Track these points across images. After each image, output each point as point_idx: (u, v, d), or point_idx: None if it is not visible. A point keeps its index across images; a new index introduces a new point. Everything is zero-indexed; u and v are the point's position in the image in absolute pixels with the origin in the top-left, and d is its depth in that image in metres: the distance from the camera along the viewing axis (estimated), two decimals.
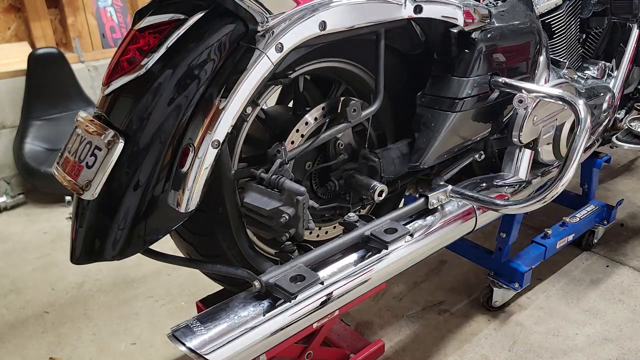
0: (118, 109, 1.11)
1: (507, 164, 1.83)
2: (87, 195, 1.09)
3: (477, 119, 1.61)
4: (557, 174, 1.45)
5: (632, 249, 2.42)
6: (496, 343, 1.92)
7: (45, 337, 2.01)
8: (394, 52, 1.51)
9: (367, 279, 1.38)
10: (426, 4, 1.35)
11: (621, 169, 3.16)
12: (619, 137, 2.27)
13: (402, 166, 1.56)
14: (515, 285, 1.99)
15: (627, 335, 1.94)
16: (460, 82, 1.51)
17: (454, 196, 1.60)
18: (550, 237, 2.12)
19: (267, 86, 1.30)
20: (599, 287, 2.19)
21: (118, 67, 1.10)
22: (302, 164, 1.46)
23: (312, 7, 1.17)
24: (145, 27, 1.09)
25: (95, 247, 1.13)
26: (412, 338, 1.95)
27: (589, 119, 1.44)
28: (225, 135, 1.11)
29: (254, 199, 1.26)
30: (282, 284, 1.20)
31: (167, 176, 1.11)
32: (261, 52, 1.11)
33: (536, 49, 1.71)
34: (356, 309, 2.04)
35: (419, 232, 1.51)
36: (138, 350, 1.93)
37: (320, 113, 1.43)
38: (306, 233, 1.40)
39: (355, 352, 1.65)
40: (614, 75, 2.19)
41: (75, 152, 1.15)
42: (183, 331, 1.15)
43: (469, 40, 1.50)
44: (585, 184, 2.41)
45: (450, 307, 2.10)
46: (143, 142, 1.08)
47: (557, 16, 1.93)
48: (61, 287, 2.25)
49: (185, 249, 1.45)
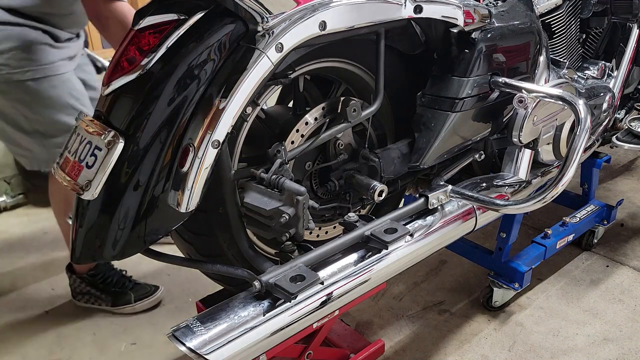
0: (118, 109, 1.10)
1: (507, 164, 1.83)
2: (87, 195, 1.09)
3: (477, 119, 1.61)
4: (557, 174, 1.45)
5: (632, 249, 2.42)
6: (496, 343, 1.92)
7: (45, 337, 2.01)
8: (394, 52, 1.51)
9: (367, 279, 1.37)
10: (426, 4, 1.35)
11: (621, 169, 3.16)
12: (619, 137, 2.27)
13: (402, 166, 1.56)
14: (515, 285, 1.99)
15: (627, 335, 1.94)
16: (460, 82, 1.51)
17: (454, 196, 1.60)
18: (550, 237, 2.12)
19: (267, 86, 1.30)
20: (599, 287, 2.19)
21: (118, 67, 1.10)
22: (302, 164, 1.46)
23: (312, 7, 1.17)
24: (145, 27, 1.09)
25: (95, 247, 1.13)
26: (412, 338, 1.95)
27: (589, 119, 1.44)
28: (225, 135, 1.11)
29: (254, 199, 1.26)
30: (282, 284, 1.20)
31: (167, 176, 1.11)
32: (261, 52, 1.11)
33: (536, 49, 1.71)
34: (356, 309, 2.04)
35: (419, 232, 1.51)
36: (138, 350, 1.93)
37: (320, 113, 1.43)
38: (306, 233, 1.40)
39: (355, 352, 1.65)
40: (614, 75, 2.19)
41: (75, 152, 1.15)
42: (183, 331, 1.15)
43: (469, 40, 1.50)
44: (585, 184, 2.41)
45: (450, 307, 2.10)
46: (143, 142, 1.08)
47: (557, 16, 1.93)
48: (61, 287, 2.25)
49: (185, 249, 1.45)
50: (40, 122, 1.76)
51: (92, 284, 2.08)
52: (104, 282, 2.09)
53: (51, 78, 1.72)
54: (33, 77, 1.68)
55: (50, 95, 1.72)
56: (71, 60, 1.83)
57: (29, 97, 1.71)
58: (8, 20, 1.65)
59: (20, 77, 1.67)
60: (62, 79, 1.75)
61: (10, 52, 1.65)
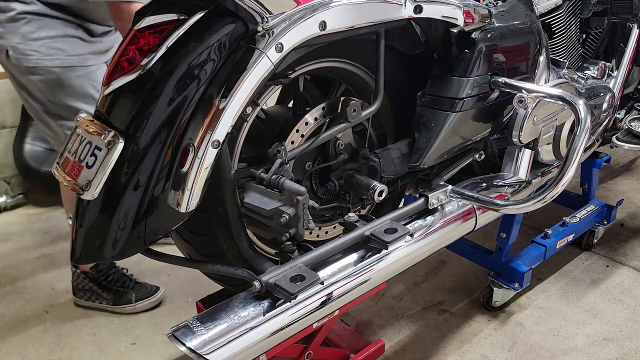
0: (118, 109, 1.10)
1: (507, 164, 1.83)
2: (87, 195, 1.09)
3: (477, 119, 1.61)
4: (557, 174, 1.45)
5: (632, 249, 2.42)
6: (496, 343, 1.92)
7: (45, 337, 2.01)
8: (394, 52, 1.51)
9: (367, 279, 1.37)
10: (426, 4, 1.35)
11: (621, 169, 3.16)
12: (619, 137, 2.27)
13: (402, 166, 1.56)
14: (515, 285, 1.99)
15: (627, 335, 1.94)
16: (460, 82, 1.51)
17: (454, 196, 1.60)
18: (550, 237, 2.12)
19: (267, 86, 1.30)
20: (599, 287, 2.19)
21: (118, 67, 1.10)
22: (302, 164, 1.46)
23: (312, 7, 1.17)
24: (145, 27, 1.09)
25: (95, 247, 1.13)
26: (412, 338, 1.95)
27: (589, 119, 1.44)
28: (225, 135, 1.11)
29: (254, 199, 1.26)
30: (282, 284, 1.20)
31: (167, 176, 1.11)
32: (261, 52, 1.11)
33: (536, 49, 1.71)
34: (356, 309, 2.04)
35: (419, 232, 1.51)
36: (138, 350, 1.94)
37: (320, 113, 1.43)
38: (306, 233, 1.40)
39: (355, 352, 1.65)
40: (614, 75, 2.19)
41: (75, 152, 1.15)
42: (183, 331, 1.15)
43: (469, 40, 1.50)
44: (585, 184, 2.42)
45: (450, 307, 2.10)
46: (143, 142, 1.08)
47: (557, 16, 1.93)
48: (61, 287, 2.25)
49: (185, 249, 1.45)
50: (62, 106, 1.89)
51: (95, 280, 2.09)
52: (106, 279, 2.10)
53: (77, 68, 1.86)
54: (60, 65, 1.83)
55: (73, 85, 1.86)
56: (102, 54, 1.97)
57: (53, 83, 1.85)
58: (47, 12, 1.82)
59: (49, 63, 1.82)
60: (87, 71, 1.88)
61: (43, 41, 1.81)
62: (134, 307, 2.09)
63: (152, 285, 2.16)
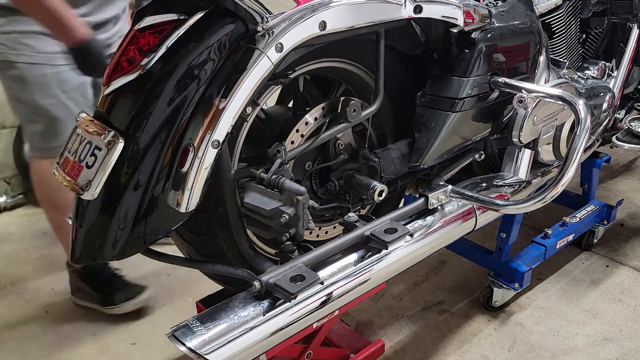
0: (118, 109, 1.10)
1: (507, 164, 1.83)
2: (87, 195, 1.09)
3: (477, 119, 1.61)
4: (557, 174, 1.45)
5: (632, 249, 2.42)
6: (496, 343, 1.92)
7: (45, 337, 2.00)
8: (394, 52, 1.51)
9: (367, 279, 1.37)
10: (426, 4, 1.35)
11: (621, 169, 3.16)
12: (619, 137, 2.27)
13: (402, 166, 1.56)
14: (515, 285, 1.99)
15: (627, 335, 1.94)
16: (460, 82, 1.51)
17: (454, 196, 1.60)
18: (550, 237, 2.12)
19: (267, 86, 1.30)
20: (599, 287, 2.19)
21: (118, 67, 1.09)
22: (302, 164, 1.46)
23: (312, 7, 1.17)
24: (145, 27, 1.09)
25: (95, 247, 1.13)
26: (412, 338, 1.95)
27: (589, 119, 1.44)
28: (225, 135, 1.11)
29: (254, 199, 1.26)
30: (282, 284, 1.20)
31: (167, 176, 1.11)
32: (261, 52, 1.11)
33: (536, 49, 1.71)
34: (356, 309, 2.04)
35: (419, 232, 1.51)
36: (138, 350, 1.93)
37: (320, 113, 1.43)
38: (306, 233, 1.40)
39: (355, 352, 1.65)
40: (614, 75, 2.19)
41: (75, 152, 1.15)
42: (183, 331, 1.15)
43: (469, 40, 1.50)
44: (585, 184, 2.42)
45: (450, 307, 2.10)
46: (143, 142, 1.08)
47: (557, 16, 1.93)
48: (61, 288, 2.25)
49: (185, 249, 1.45)
50: (27, 104, 1.84)
51: (86, 279, 2.08)
52: (96, 279, 2.09)
53: (44, 66, 1.79)
54: (26, 61, 1.77)
55: (38, 82, 1.80)
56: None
57: (17, 79, 1.80)
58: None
59: (15, 58, 1.77)
60: (56, 71, 1.81)
61: (11, 35, 1.76)
62: (120, 308, 2.07)
63: (141, 286, 2.14)
